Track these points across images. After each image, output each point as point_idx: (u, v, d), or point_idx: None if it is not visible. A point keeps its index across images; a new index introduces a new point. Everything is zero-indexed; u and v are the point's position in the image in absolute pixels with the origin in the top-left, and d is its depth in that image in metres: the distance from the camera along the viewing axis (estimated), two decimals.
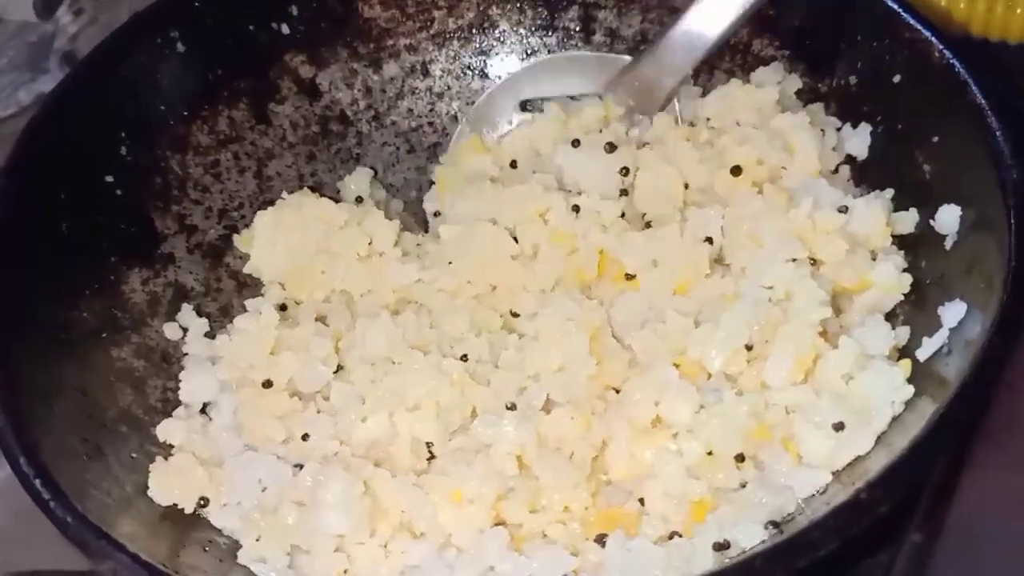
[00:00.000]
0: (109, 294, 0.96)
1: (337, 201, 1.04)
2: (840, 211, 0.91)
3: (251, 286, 1.04)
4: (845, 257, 0.90)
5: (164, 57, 1.01)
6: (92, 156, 0.97)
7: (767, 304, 0.87)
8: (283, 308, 0.98)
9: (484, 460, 0.86)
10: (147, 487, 0.87)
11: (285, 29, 1.06)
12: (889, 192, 0.94)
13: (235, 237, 1.04)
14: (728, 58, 1.05)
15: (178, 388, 0.95)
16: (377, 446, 0.89)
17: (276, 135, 1.08)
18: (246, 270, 1.03)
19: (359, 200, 1.06)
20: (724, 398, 0.84)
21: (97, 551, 0.76)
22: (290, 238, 1.01)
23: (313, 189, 1.07)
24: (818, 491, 0.81)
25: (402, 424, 0.88)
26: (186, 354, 0.97)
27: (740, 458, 0.83)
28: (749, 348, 0.86)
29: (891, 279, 0.89)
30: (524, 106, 1.08)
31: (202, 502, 0.87)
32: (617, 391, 0.89)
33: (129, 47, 1.00)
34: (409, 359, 0.90)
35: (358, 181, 1.07)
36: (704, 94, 1.03)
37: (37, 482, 0.78)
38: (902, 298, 0.90)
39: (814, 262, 0.91)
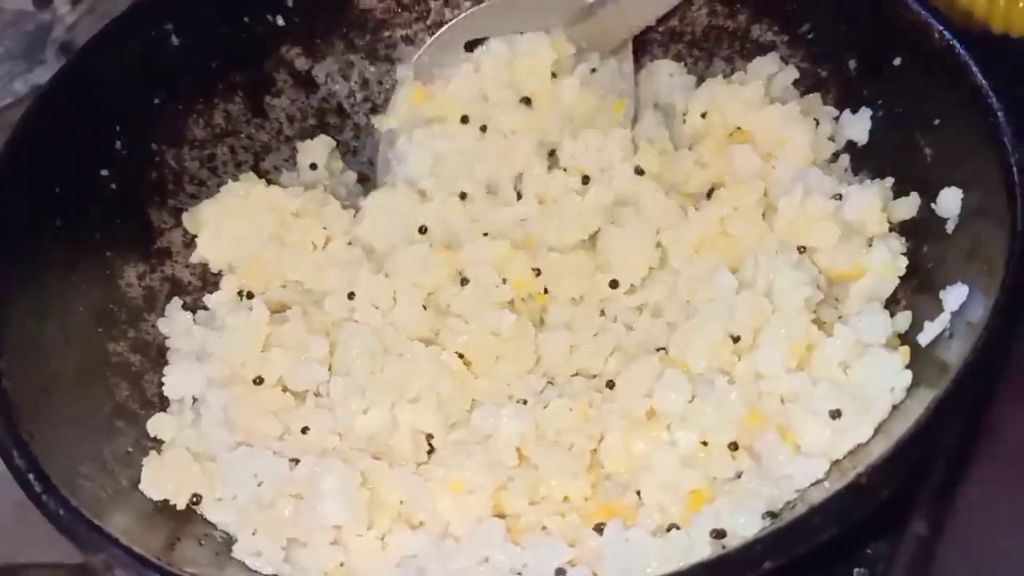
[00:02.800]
0: (105, 289, 0.96)
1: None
2: (833, 199, 0.91)
3: None
4: (838, 243, 0.89)
5: (159, 50, 1.00)
6: (87, 150, 0.97)
7: (747, 294, 0.86)
8: (250, 296, 0.96)
9: (484, 451, 0.85)
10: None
11: (280, 21, 1.05)
12: (889, 180, 0.93)
13: (183, 215, 1.01)
14: (727, 44, 1.04)
15: None
16: (377, 439, 0.88)
17: (272, 128, 1.07)
18: (192, 260, 1.00)
19: (313, 167, 1.04)
20: (716, 387, 0.84)
21: (89, 543, 0.76)
22: (238, 227, 0.98)
23: None
24: (817, 480, 0.80)
25: (403, 416, 0.88)
26: (168, 348, 0.96)
27: (733, 446, 0.82)
28: (736, 339, 0.86)
29: (885, 262, 0.88)
30: (471, 47, 1.04)
31: (194, 499, 0.87)
32: (612, 385, 0.88)
33: (123, 40, 0.99)
34: (409, 350, 0.90)
35: (317, 149, 1.05)
36: (699, 83, 1.03)
37: (30, 476, 0.78)
38: (899, 282, 0.89)
39: (803, 250, 0.90)
